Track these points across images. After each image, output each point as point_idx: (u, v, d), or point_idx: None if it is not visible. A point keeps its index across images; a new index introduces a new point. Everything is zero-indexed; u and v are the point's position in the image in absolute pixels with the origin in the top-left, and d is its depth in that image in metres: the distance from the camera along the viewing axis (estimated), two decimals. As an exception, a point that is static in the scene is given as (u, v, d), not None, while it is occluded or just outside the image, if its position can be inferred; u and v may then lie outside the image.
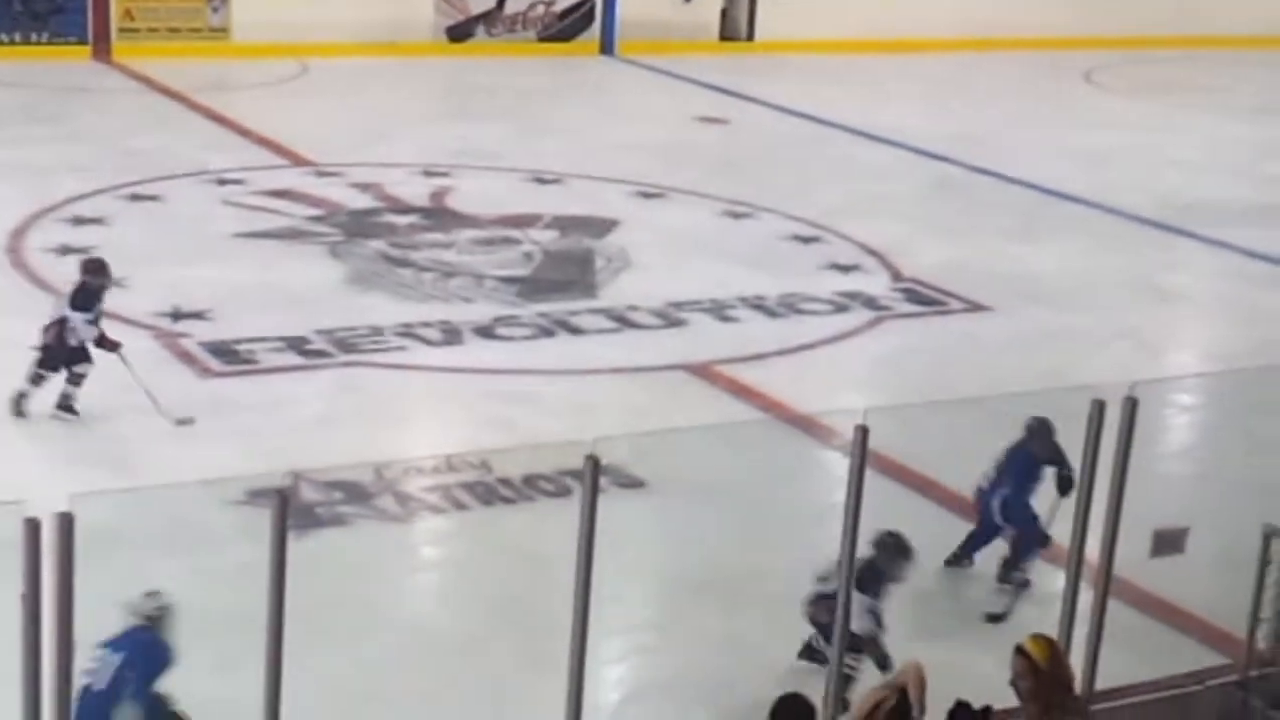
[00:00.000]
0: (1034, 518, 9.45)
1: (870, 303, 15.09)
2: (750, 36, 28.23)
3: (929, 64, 27.66)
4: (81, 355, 11.17)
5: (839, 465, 7.38)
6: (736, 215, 17.95)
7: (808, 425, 11.68)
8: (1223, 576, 8.66)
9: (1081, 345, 14.15)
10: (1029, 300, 15.46)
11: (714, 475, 10.31)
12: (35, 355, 11.20)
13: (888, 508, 10.21)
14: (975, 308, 15.20)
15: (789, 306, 14.80)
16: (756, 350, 13.65)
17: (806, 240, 17.08)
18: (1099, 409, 6.89)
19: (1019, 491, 9.52)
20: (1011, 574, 9.48)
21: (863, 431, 6.59)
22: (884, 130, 22.46)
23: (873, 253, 16.63)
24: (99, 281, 11.38)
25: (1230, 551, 8.19)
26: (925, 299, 15.33)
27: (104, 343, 11.22)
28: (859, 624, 7.81)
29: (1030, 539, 9.46)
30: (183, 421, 11.07)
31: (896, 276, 15.93)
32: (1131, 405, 7.00)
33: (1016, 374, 12.83)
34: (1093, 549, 7.41)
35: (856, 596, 7.38)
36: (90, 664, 6.82)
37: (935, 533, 9.76)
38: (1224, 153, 22.68)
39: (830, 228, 17.44)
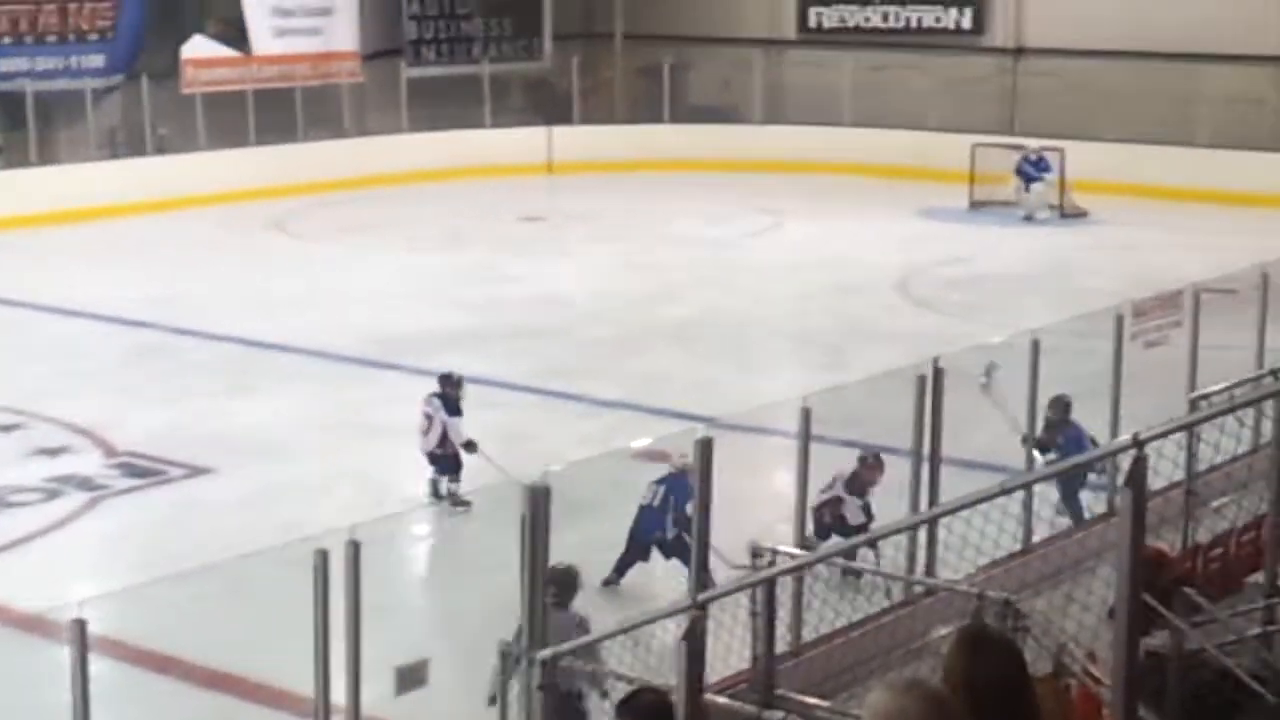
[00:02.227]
0: None
1: (85, 484, 14.44)
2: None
3: (111, 231, 26.74)
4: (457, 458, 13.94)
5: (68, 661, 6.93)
6: (-76, 414, 16.72)
7: (33, 625, 10.94)
8: (472, 698, 8.78)
9: (308, 494, 14.10)
10: (250, 456, 15.27)
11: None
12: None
13: (129, 694, 9.79)
14: (196, 472, 14.85)
15: (-4, 502, 13.93)
16: (-34, 554, 12.73)
17: (7, 429, 16.13)
18: (323, 559, 6.80)
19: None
20: None
21: (80, 625, 6.24)
22: (73, 303, 21.54)
23: (81, 431, 15.91)
24: (458, 392, 14.18)
25: (477, 673, 8.30)
26: (143, 471, 14.84)
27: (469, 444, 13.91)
28: (854, 517, 11.57)
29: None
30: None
31: (110, 452, 15.33)
32: (355, 549, 6.97)
33: (248, 533, 12.54)
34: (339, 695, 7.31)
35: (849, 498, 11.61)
36: (647, 491, 11.77)
37: (184, 712, 9.36)
38: (418, 284, 23.36)
39: (31, 411, 16.54)
